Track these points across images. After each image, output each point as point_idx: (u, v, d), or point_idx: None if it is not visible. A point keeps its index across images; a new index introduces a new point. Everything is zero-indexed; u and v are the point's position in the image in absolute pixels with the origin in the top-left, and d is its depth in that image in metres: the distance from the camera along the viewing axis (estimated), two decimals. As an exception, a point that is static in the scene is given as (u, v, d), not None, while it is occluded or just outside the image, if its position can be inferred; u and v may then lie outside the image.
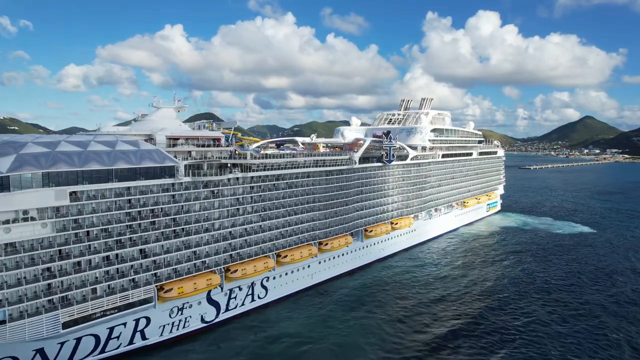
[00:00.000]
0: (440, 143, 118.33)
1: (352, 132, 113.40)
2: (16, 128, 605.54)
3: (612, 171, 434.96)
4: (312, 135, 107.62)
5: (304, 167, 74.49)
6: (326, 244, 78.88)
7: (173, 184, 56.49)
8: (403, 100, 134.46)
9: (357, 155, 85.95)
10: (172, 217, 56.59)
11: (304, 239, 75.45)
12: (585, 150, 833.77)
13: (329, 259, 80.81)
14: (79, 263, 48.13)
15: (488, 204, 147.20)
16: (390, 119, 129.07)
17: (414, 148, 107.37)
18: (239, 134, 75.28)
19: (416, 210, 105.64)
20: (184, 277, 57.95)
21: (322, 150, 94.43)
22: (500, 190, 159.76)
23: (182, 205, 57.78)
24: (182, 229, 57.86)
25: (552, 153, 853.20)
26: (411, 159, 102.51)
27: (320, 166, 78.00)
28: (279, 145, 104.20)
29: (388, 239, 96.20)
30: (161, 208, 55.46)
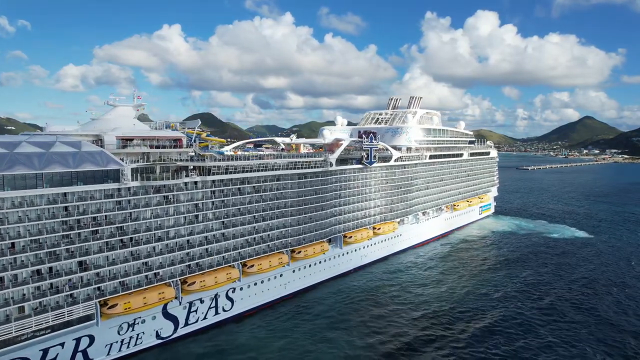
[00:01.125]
0: (427, 143, 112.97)
1: (335, 132, 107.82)
2: (13, 128, 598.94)
3: (611, 172, 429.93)
4: (292, 135, 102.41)
5: (272, 169, 69.21)
6: (299, 252, 73.60)
7: (118, 189, 51.32)
8: (391, 99, 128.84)
9: (333, 157, 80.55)
10: (118, 225, 51.39)
11: (274, 247, 70.24)
12: (585, 151, 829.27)
13: (304, 268, 75.60)
14: (1, 279, 42.95)
15: (481, 207, 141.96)
16: (377, 119, 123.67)
17: (399, 149, 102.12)
18: (204, 134, 70.13)
19: (401, 214, 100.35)
20: (133, 290, 52.83)
21: (303, 151, 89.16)
22: (494, 192, 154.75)
23: (130, 213, 52.59)
24: (130, 238, 52.71)
25: (552, 153, 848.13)
26: (395, 160, 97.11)
27: (291, 168, 72.73)
28: (257, 146, 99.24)
29: (370, 245, 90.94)
30: (105, 216, 50.31)
